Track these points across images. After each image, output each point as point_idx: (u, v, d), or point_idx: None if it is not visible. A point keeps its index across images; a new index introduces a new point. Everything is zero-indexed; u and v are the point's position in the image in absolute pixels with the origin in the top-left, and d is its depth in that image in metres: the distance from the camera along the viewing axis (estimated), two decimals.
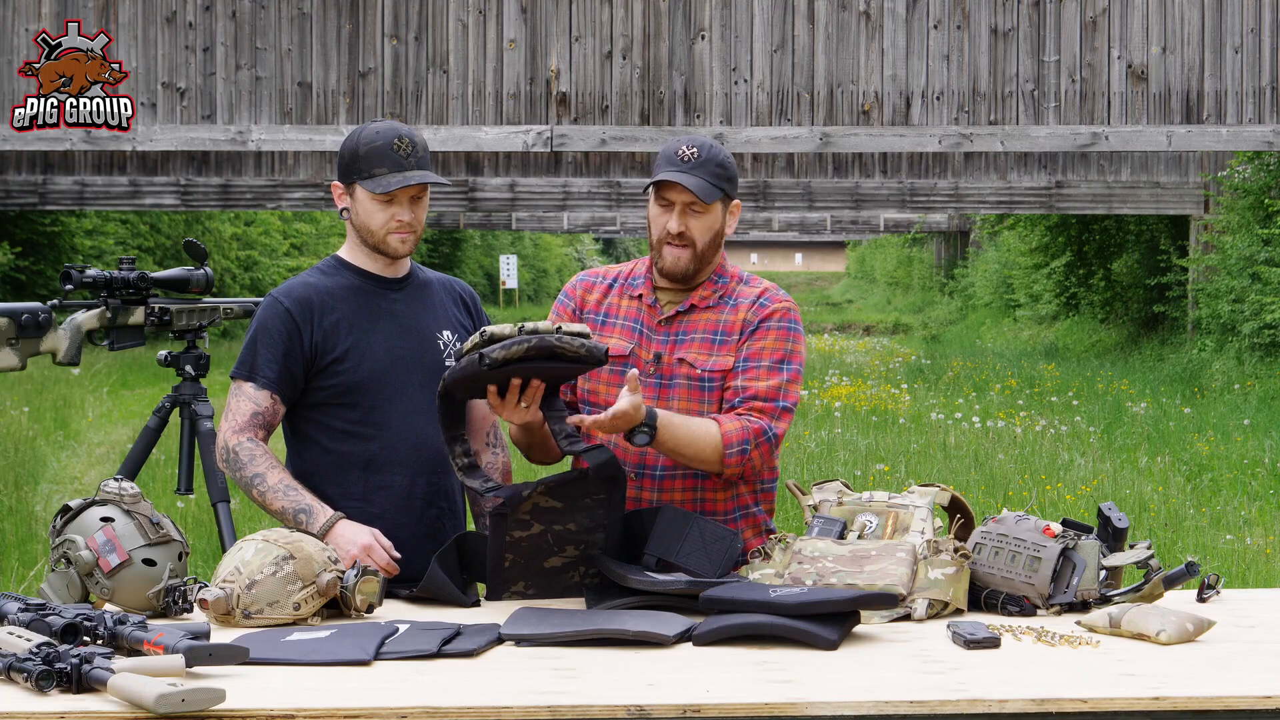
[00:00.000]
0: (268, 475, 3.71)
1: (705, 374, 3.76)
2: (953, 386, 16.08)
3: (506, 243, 44.47)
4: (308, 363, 3.82)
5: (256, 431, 3.78)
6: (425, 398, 3.84)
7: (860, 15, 15.62)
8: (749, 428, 3.68)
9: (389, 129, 3.81)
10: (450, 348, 3.91)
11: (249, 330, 3.87)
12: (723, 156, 3.78)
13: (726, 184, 3.77)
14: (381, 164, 3.79)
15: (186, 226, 24.65)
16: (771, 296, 3.83)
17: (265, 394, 3.79)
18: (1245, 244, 15.85)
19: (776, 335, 3.78)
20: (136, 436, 5.07)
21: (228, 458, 3.77)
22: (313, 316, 3.82)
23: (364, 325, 3.85)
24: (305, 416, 3.87)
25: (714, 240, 3.78)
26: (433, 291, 3.98)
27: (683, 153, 3.74)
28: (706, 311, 3.81)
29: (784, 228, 34.70)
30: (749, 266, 55.54)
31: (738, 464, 3.68)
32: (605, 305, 3.87)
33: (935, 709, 2.80)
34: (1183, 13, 15.55)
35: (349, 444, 3.83)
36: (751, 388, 3.72)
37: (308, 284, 3.88)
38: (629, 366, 3.77)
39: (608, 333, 3.83)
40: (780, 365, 3.75)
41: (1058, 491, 9.02)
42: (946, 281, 36.23)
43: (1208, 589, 3.63)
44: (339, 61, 15.64)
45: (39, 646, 2.83)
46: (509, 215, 27.83)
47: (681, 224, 3.74)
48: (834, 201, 16.59)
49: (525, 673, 2.98)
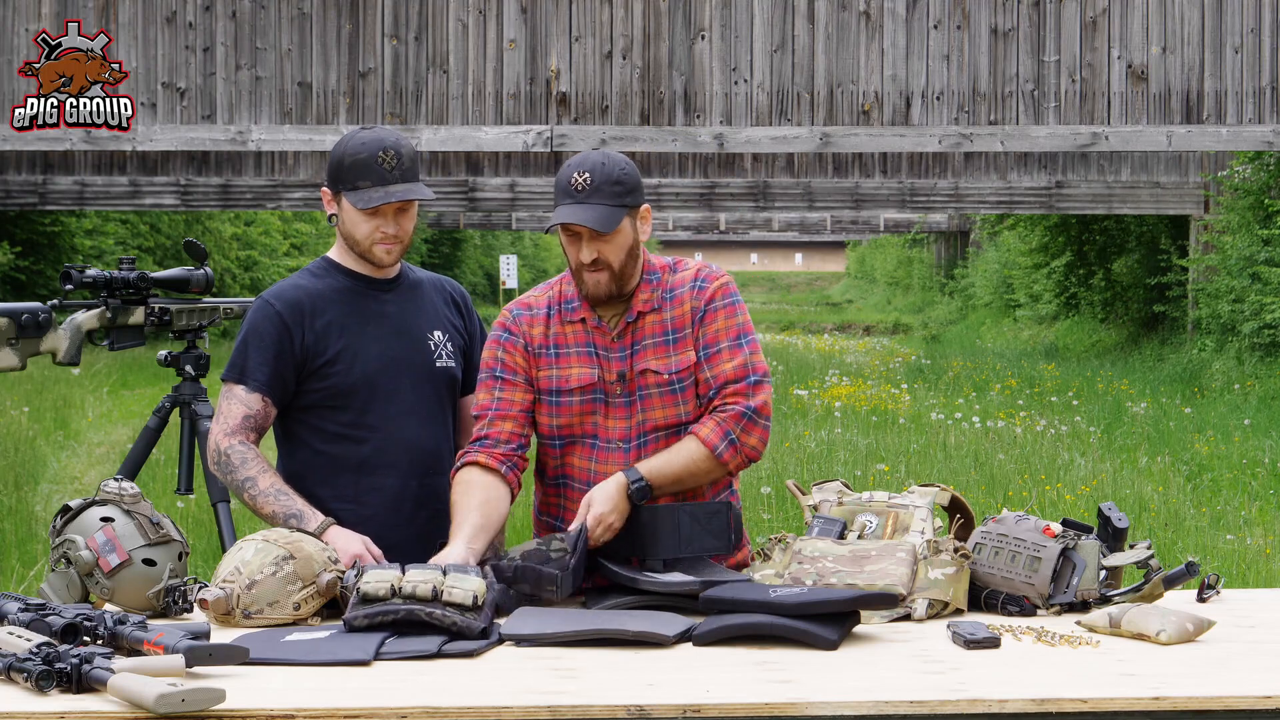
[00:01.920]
0: (259, 479, 3.70)
1: (671, 376, 3.71)
2: (953, 386, 16.08)
3: (506, 243, 44.47)
4: (299, 365, 3.81)
5: (248, 435, 3.77)
6: (417, 399, 3.84)
7: (860, 15, 15.62)
8: (728, 418, 3.66)
9: (375, 140, 3.77)
10: (441, 348, 3.91)
11: (240, 333, 3.85)
12: (617, 172, 3.67)
13: (627, 198, 3.67)
14: (365, 176, 3.76)
15: (186, 226, 24.64)
16: (706, 277, 3.77)
17: (256, 397, 3.78)
18: (1245, 244, 15.85)
19: (725, 314, 3.74)
20: (136, 436, 5.07)
21: (219, 460, 3.77)
22: (304, 319, 3.81)
23: (355, 327, 3.84)
24: (297, 419, 3.86)
25: (630, 254, 3.70)
26: (423, 292, 3.96)
27: (575, 181, 3.65)
28: (652, 315, 3.75)
29: (784, 228, 34.73)
30: (749, 266, 55.49)
31: (733, 455, 3.65)
32: (551, 336, 3.77)
33: (935, 709, 2.80)
34: (1183, 13, 15.55)
35: (341, 446, 3.83)
36: (720, 374, 3.69)
37: (299, 286, 3.86)
38: (598, 392, 3.72)
39: (564, 364, 3.74)
40: (738, 342, 3.71)
41: (1058, 491, 9.02)
42: (946, 281, 36.23)
43: (1208, 589, 3.63)
44: (339, 61, 15.64)
45: (39, 646, 2.83)
46: (509, 215, 27.86)
47: (592, 251, 3.66)
48: (834, 201, 16.59)
49: (525, 673, 2.98)
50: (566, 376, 3.73)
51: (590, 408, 3.72)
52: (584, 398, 3.72)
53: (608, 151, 3.74)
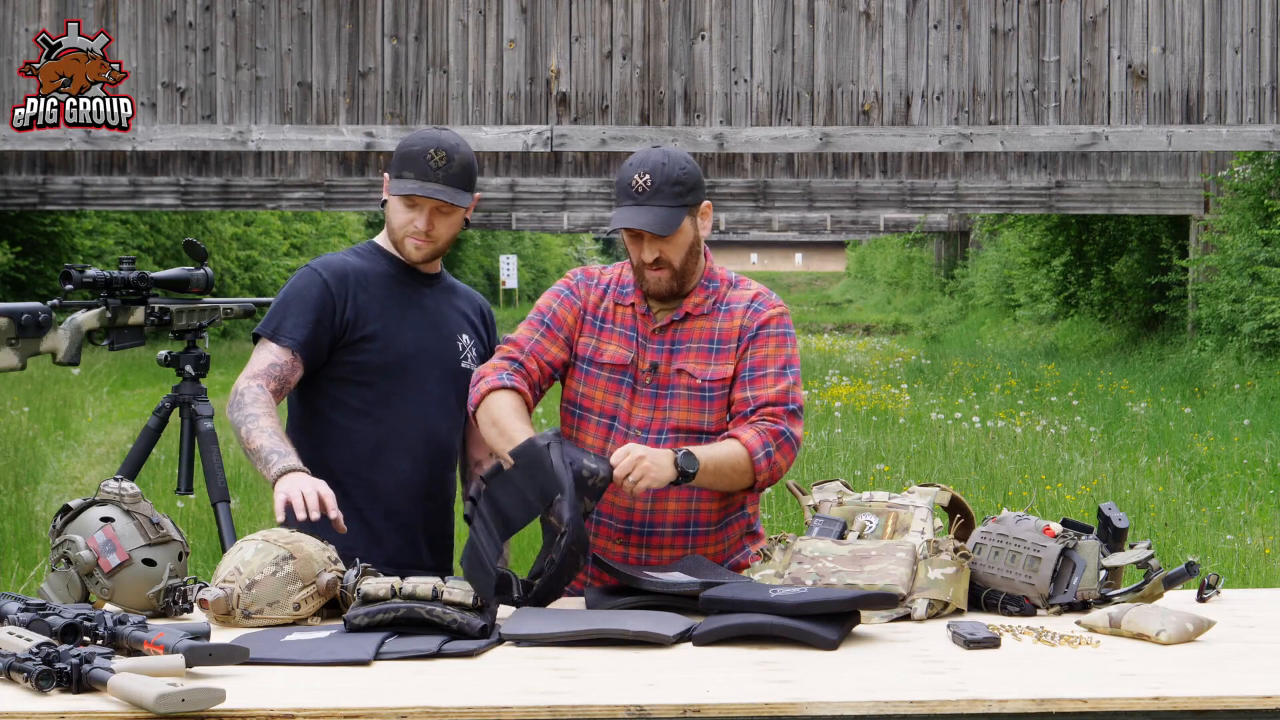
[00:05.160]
0: (262, 418, 3.70)
1: (705, 383, 3.74)
2: (953, 386, 16.08)
3: (506, 243, 44.49)
4: (336, 335, 3.86)
5: (269, 381, 3.79)
6: (441, 392, 3.91)
7: (860, 15, 15.62)
8: (767, 430, 3.69)
9: (433, 137, 3.87)
10: (466, 351, 3.98)
11: (280, 294, 3.90)
12: (678, 172, 3.69)
13: (688, 197, 3.70)
14: (411, 168, 3.85)
15: (186, 226, 24.64)
16: (765, 302, 3.81)
17: (288, 351, 3.82)
18: (1245, 244, 15.85)
19: (776, 342, 3.77)
20: (136, 436, 5.06)
21: (234, 399, 3.77)
22: (348, 291, 3.87)
23: (396, 311, 3.91)
24: (320, 389, 3.90)
25: (690, 252, 3.74)
26: (458, 295, 4.07)
27: (636, 182, 3.67)
28: (701, 319, 3.79)
29: (784, 228, 34.71)
30: (749, 266, 55.51)
31: (767, 469, 3.68)
32: (603, 309, 3.85)
33: (935, 709, 2.80)
34: (1183, 13, 15.55)
35: (361, 423, 3.87)
36: (761, 396, 3.72)
37: (346, 261, 3.94)
38: (627, 375, 3.76)
39: (606, 338, 3.81)
40: (784, 371, 3.75)
41: (1058, 491, 9.02)
42: (946, 281, 36.23)
43: (1208, 589, 3.63)
44: (339, 61, 15.64)
45: (39, 646, 2.83)
46: (509, 215, 27.83)
47: (654, 251, 3.71)
48: (834, 201, 16.59)
49: (525, 673, 2.98)
50: (602, 350, 3.80)
51: (615, 387, 3.77)
52: (612, 375, 3.78)
53: (668, 150, 3.74)
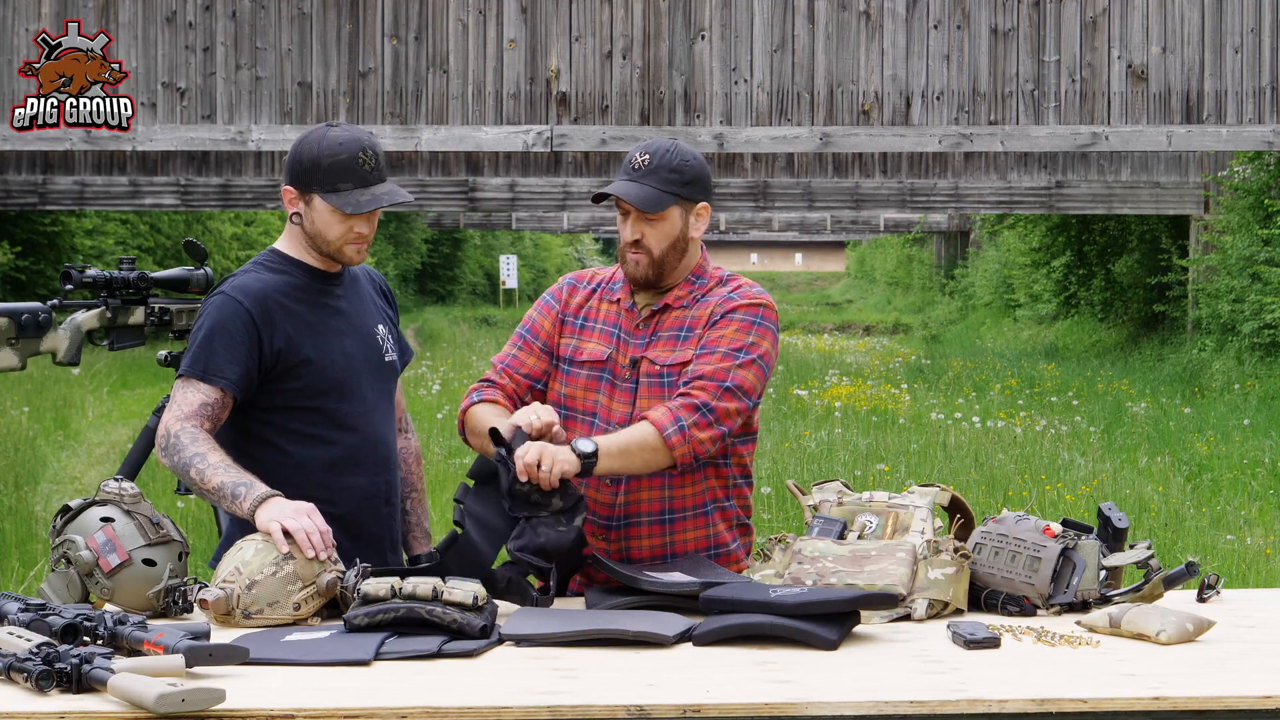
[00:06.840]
0: (209, 455, 3.56)
1: (664, 369, 3.71)
2: (953, 386, 16.08)
3: (506, 243, 44.46)
4: (268, 367, 3.73)
5: (203, 423, 3.64)
6: (375, 396, 3.85)
7: (860, 15, 15.62)
8: (682, 405, 3.60)
9: (352, 140, 3.71)
10: (385, 342, 3.90)
11: (201, 326, 3.73)
12: (678, 161, 3.68)
13: (683, 188, 3.68)
14: (347, 179, 3.70)
15: (186, 226, 24.64)
16: (743, 292, 3.75)
17: (218, 391, 3.67)
18: (1245, 244, 15.86)
19: (738, 327, 3.69)
20: (136, 436, 5.07)
21: (168, 443, 3.62)
22: (274, 319, 3.72)
23: (319, 327, 3.78)
24: (261, 419, 3.77)
25: (673, 245, 3.70)
26: (361, 285, 3.94)
27: (636, 160, 3.68)
28: (679, 311, 3.76)
29: (784, 228, 34.70)
30: (749, 266, 55.47)
31: (682, 443, 3.57)
32: (585, 309, 3.83)
33: (935, 709, 2.80)
34: (1183, 13, 15.54)
35: (311, 447, 3.77)
36: (697, 369, 3.65)
37: (262, 280, 3.77)
38: (606, 370, 3.75)
39: (586, 336, 3.79)
40: (735, 353, 3.66)
41: (1058, 491, 9.02)
42: (946, 281, 36.23)
43: (1208, 589, 3.62)
44: (339, 61, 15.64)
45: (39, 646, 2.83)
46: (509, 215, 27.85)
47: (635, 231, 3.69)
48: (834, 201, 16.59)
49: (525, 673, 2.98)
50: (581, 349, 3.79)
51: (595, 384, 3.75)
52: (590, 373, 3.76)
53: (682, 143, 3.75)
